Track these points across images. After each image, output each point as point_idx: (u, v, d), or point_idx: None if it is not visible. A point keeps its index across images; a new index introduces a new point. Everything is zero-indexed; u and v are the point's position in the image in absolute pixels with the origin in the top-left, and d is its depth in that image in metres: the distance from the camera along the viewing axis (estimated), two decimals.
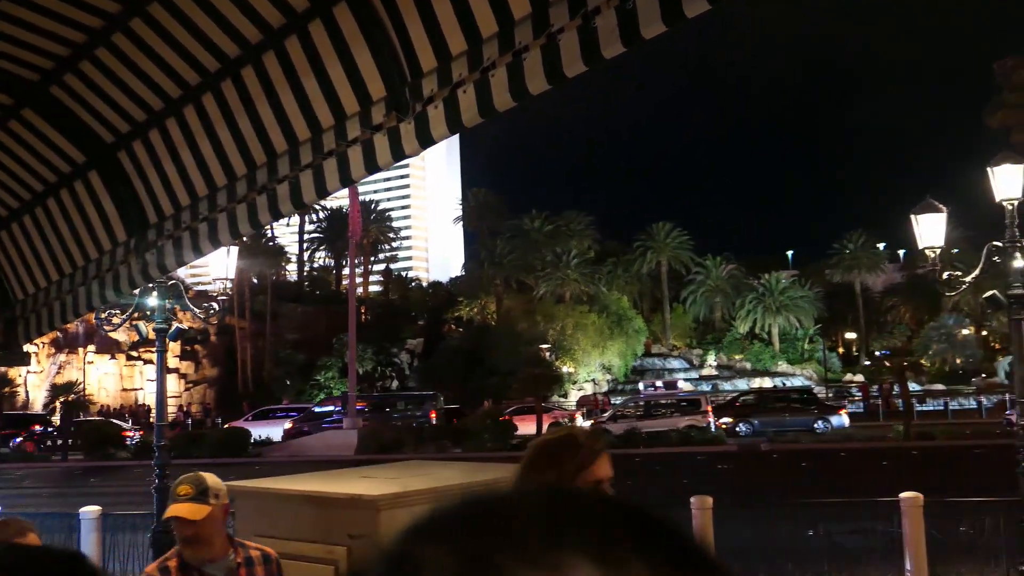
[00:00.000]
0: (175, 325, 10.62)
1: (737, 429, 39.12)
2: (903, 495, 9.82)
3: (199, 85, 4.96)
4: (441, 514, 0.64)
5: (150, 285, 10.65)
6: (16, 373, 59.13)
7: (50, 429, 43.23)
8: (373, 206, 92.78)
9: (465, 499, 0.65)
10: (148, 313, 11.28)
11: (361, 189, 67.59)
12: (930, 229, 10.36)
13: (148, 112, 5.20)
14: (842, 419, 40.04)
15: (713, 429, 37.98)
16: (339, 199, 79.19)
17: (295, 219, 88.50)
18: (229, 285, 11.24)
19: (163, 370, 10.76)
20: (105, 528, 10.91)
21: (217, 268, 10.69)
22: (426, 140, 4.11)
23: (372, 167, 4.36)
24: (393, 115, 4.27)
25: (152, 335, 11.64)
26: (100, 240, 5.83)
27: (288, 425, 41.91)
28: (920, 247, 10.50)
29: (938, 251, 10.33)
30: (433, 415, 41.43)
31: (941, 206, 10.55)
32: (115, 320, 12.05)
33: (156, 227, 5.44)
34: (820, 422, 39.42)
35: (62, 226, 6.06)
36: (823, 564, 11.40)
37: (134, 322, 10.61)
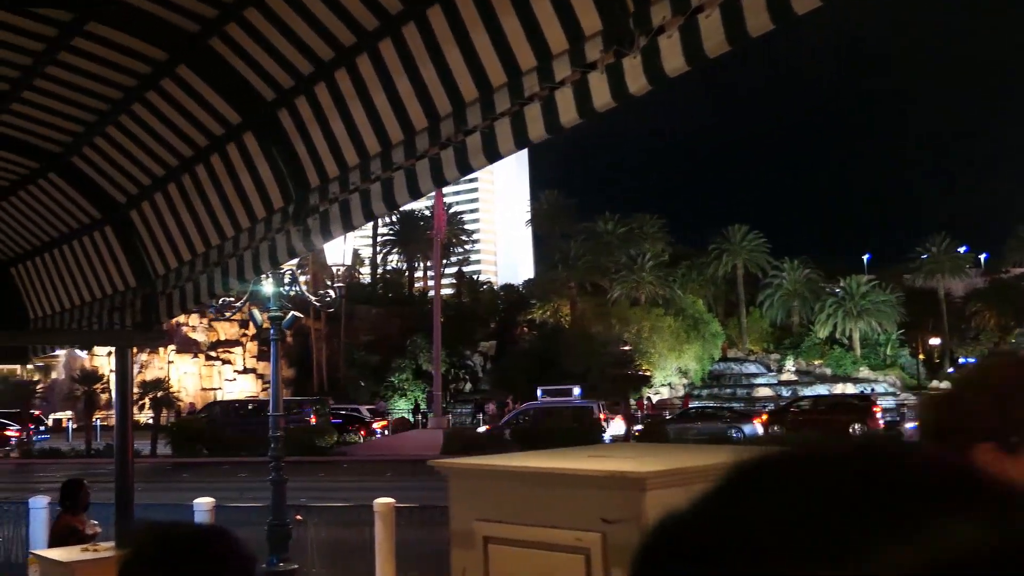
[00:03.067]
0: (290, 313, 10.32)
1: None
2: None
3: (376, 30, 4.53)
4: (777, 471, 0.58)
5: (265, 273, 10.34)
6: (106, 369, 60.38)
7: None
8: (446, 208, 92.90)
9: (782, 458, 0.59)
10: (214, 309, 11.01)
11: None
12: None
13: (316, 64, 4.79)
14: (755, 427, 41.13)
15: (607, 437, 38.23)
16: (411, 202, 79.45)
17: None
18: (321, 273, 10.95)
19: (278, 359, 10.49)
20: (218, 521, 10.67)
21: (334, 254, 10.41)
22: (656, 76, 3.61)
23: (587, 111, 3.88)
24: (613, 50, 3.79)
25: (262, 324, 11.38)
26: (253, 208, 5.45)
27: None
28: None
29: None
30: (313, 419, 40.89)
31: None
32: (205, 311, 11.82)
33: (319, 191, 5.04)
34: (733, 430, 40.51)
35: (211, 194, 5.70)
36: None
37: (250, 309, 10.38)
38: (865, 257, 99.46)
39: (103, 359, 63.37)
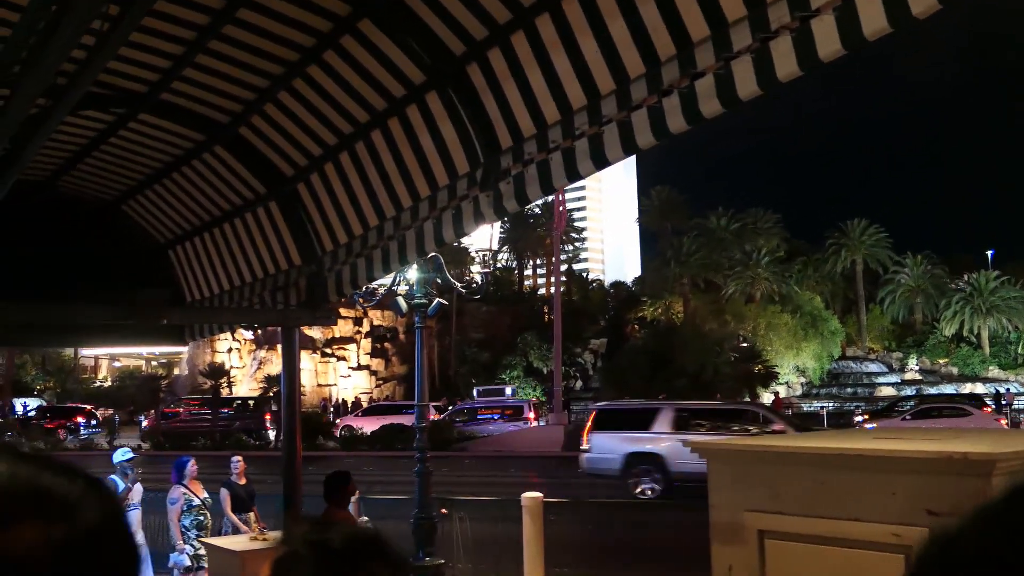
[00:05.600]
0: (436, 300, 10.01)
1: None
2: None
3: None
4: None
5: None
6: (231, 364, 62.22)
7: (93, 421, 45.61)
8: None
9: None
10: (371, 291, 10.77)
11: None
12: None
13: (515, 10, 4.36)
14: None
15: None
16: None
17: None
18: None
19: (422, 347, 10.20)
20: (362, 513, 10.44)
21: (480, 239, 10.10)
22: (900, 16, 3.06)
23: (807, 61, 3.37)
24: (796, 18, 3.30)
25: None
26: (435, 174, 5.07)
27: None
28: None
29: None
30: (268, 417, 40.89)
31: None
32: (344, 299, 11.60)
33: (512, 152, 4.62)
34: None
35: (387, 161, 5.34)
36: None
37: (395, 296, 10.12)
38: (989, 252, 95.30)
39: (224, 355, 65.08)
